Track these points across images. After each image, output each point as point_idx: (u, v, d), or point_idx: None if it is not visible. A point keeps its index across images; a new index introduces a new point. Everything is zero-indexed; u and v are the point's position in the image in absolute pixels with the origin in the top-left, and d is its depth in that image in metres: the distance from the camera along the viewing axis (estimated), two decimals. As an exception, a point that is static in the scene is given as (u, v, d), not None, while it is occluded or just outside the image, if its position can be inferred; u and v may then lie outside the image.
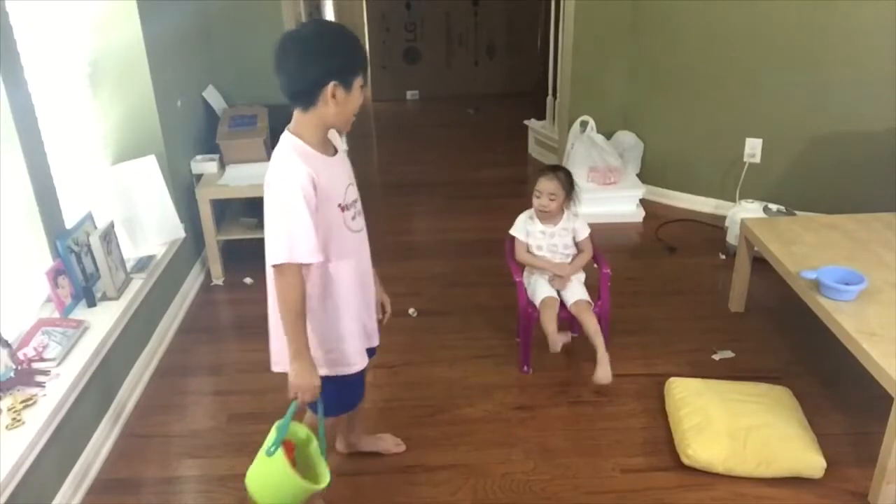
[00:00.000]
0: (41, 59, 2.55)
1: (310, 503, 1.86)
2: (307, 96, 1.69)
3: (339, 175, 1.81)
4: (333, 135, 1.87)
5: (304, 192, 1.67)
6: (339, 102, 1.69)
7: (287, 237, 1.67)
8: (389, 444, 2.41)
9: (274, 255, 1.68)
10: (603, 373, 2.61)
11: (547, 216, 2.77)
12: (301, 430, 1.88)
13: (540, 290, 2.77)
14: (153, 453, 2.48)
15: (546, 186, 2.73)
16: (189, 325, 3.28)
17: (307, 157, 1.72)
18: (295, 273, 1.69)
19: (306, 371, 1.74)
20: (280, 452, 1.73)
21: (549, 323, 2.68)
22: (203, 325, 3.28)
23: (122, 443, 2.54)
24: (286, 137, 1.75)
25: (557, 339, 2.69)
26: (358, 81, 1.72)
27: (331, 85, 1.66)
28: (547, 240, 2.80)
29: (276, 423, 1.80)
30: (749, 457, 2.26)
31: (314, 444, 1.88)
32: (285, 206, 1.67)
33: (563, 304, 2.75)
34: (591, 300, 2.74)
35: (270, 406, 2.66)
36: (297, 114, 1.74)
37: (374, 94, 7.37)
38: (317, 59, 1.66)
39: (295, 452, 1.84)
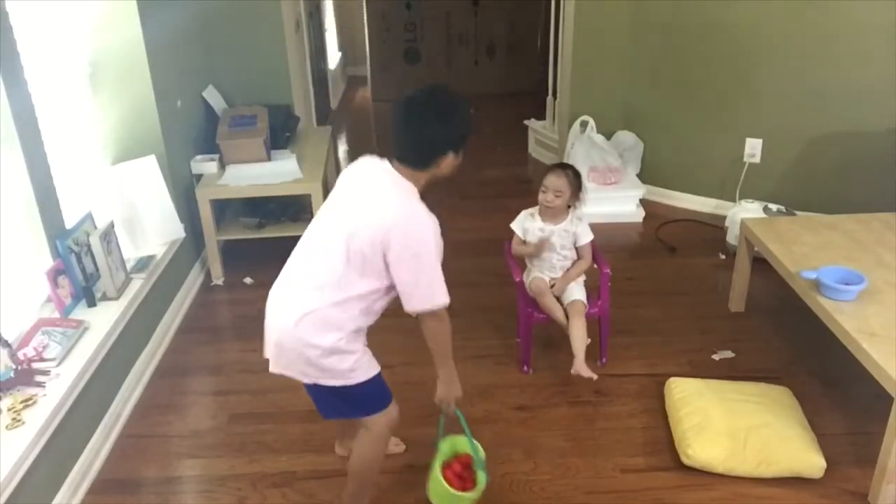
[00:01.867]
0: (41, 59, 2.55)
1: None
2: (427, 162, 1.82)
3: None
4: None
5: (439, 243, 1.87)
6: (449, 167, 1.84)
7: (440, 283, 1.86)
8: (389, 444, 2.40)
9: (431, 300, 1.87)
10: (580, 365, 2.61)
11: (550, 213, 2.74)
12: (459, 443, 2.15)
13: (536, 272, 2.79)
14: (153, 453, 2.49)
15: (553, 182, 2.70)
16: (189, 325, 3.28)
17: (428, 211, 1.84)
18: (445, 313, 1.92)
19: (456, 384, 2.03)
20: (437, 470, 2.03)
21: (554, 309, 2.70)
22: (203, 325, 3.28)
23: (122, 443, 2.54)
24: (407, 185, 1.83)
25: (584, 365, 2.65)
26: (464, 146, 1.85)
27: (450, 155, 1.81)
28: (545, 237, 2.75)
29: (439, 443, 2.08)
30: (749, 457, 2.26)
31: (479, 454, 2.12)
32: (433, 254, 1.82)
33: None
34: (587, 303, 2.72)
35: (270, 406, 2.66)
36: (409, 169, 1.83)
37: (373, 94, 7.37)
38: (443, 129, 1.79)
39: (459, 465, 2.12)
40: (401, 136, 1.82)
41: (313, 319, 1.82)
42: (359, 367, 1.89)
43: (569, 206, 2.74)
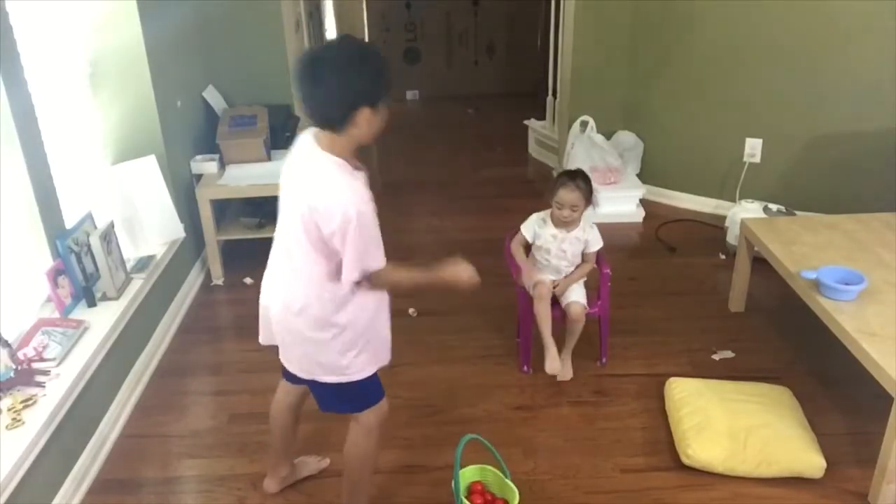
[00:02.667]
0: (41, 59, 2.55)
1: None
2: (339, 121, 1.69)
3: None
4: None
5: (369, 206, 1.72)
6: (369, 125, 1.70)
7: (375, 250, 1.75)
8: (313, 464, 2.37)
9: (359, 267, 1.73)
10: (552, 365, 2.65)
11: (570, 226, 2.70)
12: (471, 472, 2.19)
13: (537, 273, 2.75)
14: (153, 453, 2.48)
15: (568, 198, 2.63)
16: (189, 325, 3.28)
17: (352, 175, 1.74)
18: (385, 272, 1.79)
19: (455, 268, 1.97)
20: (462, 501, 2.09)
21: (545, 321, 2.67)
22: (203, 325, 3.28)
23: (122, 443, 2.54)
24: (326, 157, 1.73)
25: (558, 364, 2.67)
26: (384, 101, 1.72)
27: (362, 110, 1.66)
28: (556, 244, 2.72)
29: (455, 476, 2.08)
30: (749, 457, 2.26)
31: (492, 471, 2.19)
32: (363, 226, 1.70)
33: (556, 303, 2.74)
34: (587, 304, 2.72)
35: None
36: (329, 135, 1.73)
37: (374, 94, 7.36)
38: (348, 86, 1.64)
39: (483, 485, 2.18)
40: (310, 97, 1.67)
41: (308, 315, 1.81)
42: (355, 363, 1.88)
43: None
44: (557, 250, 2.72)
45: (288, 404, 2.14)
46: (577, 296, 2.73)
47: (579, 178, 2.67)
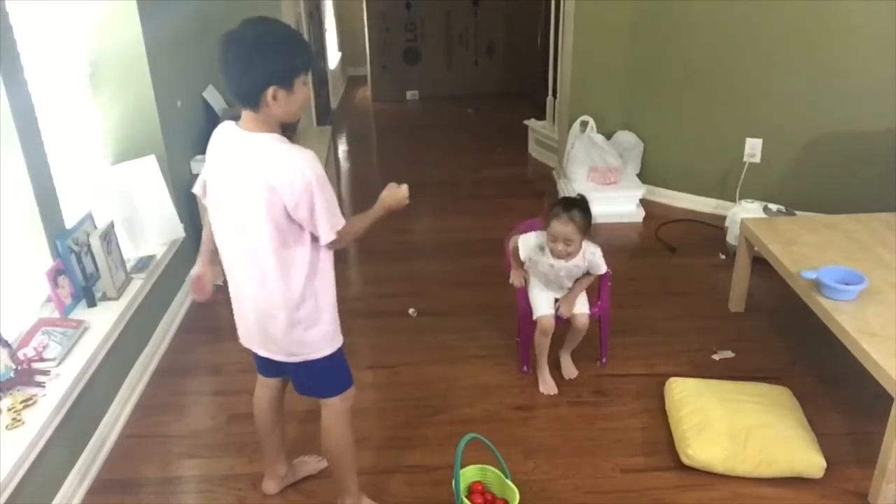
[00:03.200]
0: (41, 59, 2.55)
1: None
2: (251, 99, 1.70)
3: None
4: None
5: (322, 170, 1.74)
6: (282, 104, 1.70)
7: (334, 208, 1.76)
8: (312, 464, 2.38)
9: (331, 227, 1.75)
10: (546, 387, 2.71)
11: (568, 258, 2.58)
12: (471, 472, 2.19)
13: (538, 303, 2.67)
14: (153, 453, 2.48)
15: (560, 231, 2.49)
16: (189, 325, 3.28)
17: (291, 143, 1.74)
18: (348, 225, 1.81)
19: (388, 197, 1.96)
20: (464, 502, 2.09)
21: (543, 355, 2.70)
22: (203, 325, 3.28)
23: (122, 443, 2.54)
24: (265, 137, 1.73)
25: (551, 384, 2.71)
26: (300, 80, 1.72)
27: (271, 90, 1.67)
28: (554, 272, 2.63)
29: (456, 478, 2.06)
30: (749, 457, 2.26)
31: (492, 471, 2.19)
32: (323, 186, 1.72)
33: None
34: (589, 311, 2.69)
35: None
36: (251, 115, 1.74)
37: (374, 94, 7.38)
38: (256, 64, 1.66)
39: (483, 485, 2.18)
40: (225, 76, 1.70)
41: (289, 298, 1.82)
42: (324, 340, 1.91)
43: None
44: (555, 276, 2.65)
45: (269, 399, 2.15)
46: (581, 307, 2.69)
47: (575, 209, 2.50)
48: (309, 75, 1.77)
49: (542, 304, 2.67)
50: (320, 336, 1.90)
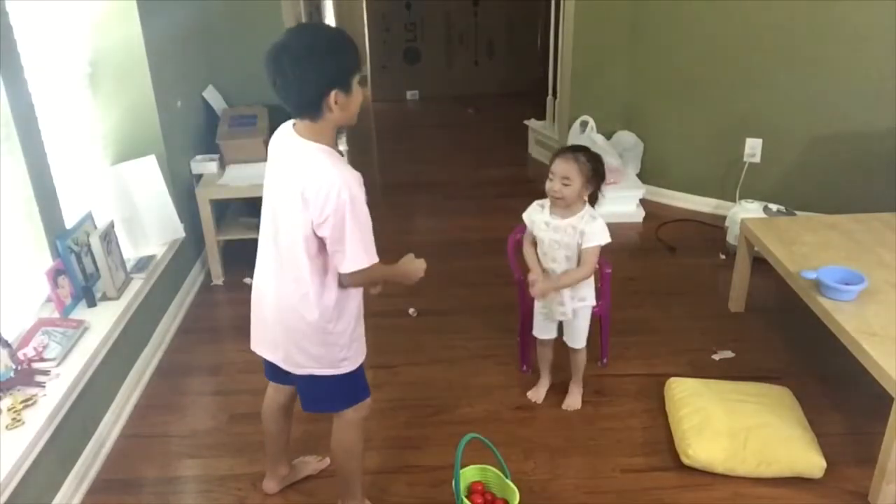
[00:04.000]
0: (41, 59, 2.55)
1: None
2: (313, 108, 1.70)
3: None
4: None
5: (362, 190, 1.73)
6: (343, 106, 1.71)
7: (370, 242, 1.74)
8: (312, 464, 2.38)
9: (359, 260, 1.73)
10: (572, 401, 2.65)
11: (560, 204, 2.36)
12: (471, 472, 2.19)
13: (538, 325, 2.62)
14: (153, 453, 2.48)
15: (560, 168, 2.31)
16: (189, 325, 3.28)
17: (340, 160, 1.74)
18: (371, 270, 1.78)
19: (407, 266, 1.99)
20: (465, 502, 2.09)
21: (542, 364, 2.70)
22: (203, 325, 3.28)
23: (122, 443, 2.54)
24: (310, 146, 1.73)
25: (538, 394, 2.69)
26: (356, 80, 1.72)
27: (332, 94, 1.67)
28: (549, 234, 2.40)
29: (456, 478, 2.06)
30: (749, 457, 2.26)
31: (492, 471, 2.19)
32: (358, 210, 1.70)
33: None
34: (585, 343, 2.59)
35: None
36: (307, 124, 1.73)
37: (374, 94, 7.37)
38: (314, 71, 1.65)
39: (483, 485, 2.18)
40: (281, 88, 1.69)
41: (307, 310, 1.81)
42: (349, 355, 1.90)
43: (587, 200, 2.39)
44: (550, 241, 2.41)
45: (279, 404, 2.15)
46: (578, 342, 2.56)
47: (581, 152, 2.34)
48: (363, 73, 1.77)
49: (541, 328, 2.63)
50: (332, 354, 1.87)
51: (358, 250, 1.72)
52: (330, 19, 7.11)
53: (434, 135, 6.21)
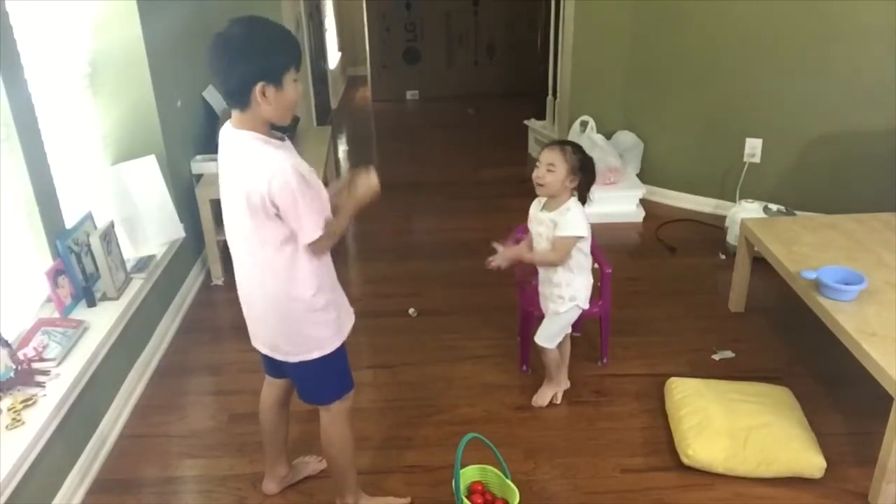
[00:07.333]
0: (41, 59, 2.55)
1: None
2: (240, 97, 1.70)
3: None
4: None
5: (302, 165, 1.73)
6: (272, 101, 1.69)
7: (319, 207, 1.75)
8: (312, 464, 2.38)
9: (317, 228, 1.74)
10: (538, 397, 2.65)
11: (542, 191, 2.41)
12: (471, 472, 2.19)
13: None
14: (153, 453, 2.48)
15: (546, 156, 2.36)
16: (189, 325, 3.28)
17: (275, 144, 1.74)
18: (325, 235, 1.77)
19: (358, 193, 1.90)
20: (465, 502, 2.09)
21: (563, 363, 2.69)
22: (203, 325, 3.28)
23: (122, 443, 2.54)
24: (244, 134, 1.73)
25: (542, 399, 2.66)
26: (289, 77, 1.71)
27: (260, 85, 1.66)
28: (535, 226, 2.48)
29: (456, 478, 2.06)
30: (749, 457, 2.26)
31: (492, 471, 2.19)
32: (304, 184, 1.70)
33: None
34: (549, 343, 2.56)
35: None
36: (237, 114, 1.74)
37: (374, 94, 7.38)
38: (242, 61, 1.66)
39: (483, 485, 2.18)
40: (213, 77, 1.71)
41: (287, 294, 1.84)
42: (332, 332, 1.92)
43: (573, 193, 2.40)
44: (536, 234, 2.48)
45: (275, 399, 2.16)
46: (543, 336, 2.55)
47: (570, 146, 2.40)
48: (299, 74, 1.76)
49: None
50: (318, 333, 1.90)
51: (310, 221, 1.73)
52: (330, 19, 7.11)
53: (434, 135, 6.22)
